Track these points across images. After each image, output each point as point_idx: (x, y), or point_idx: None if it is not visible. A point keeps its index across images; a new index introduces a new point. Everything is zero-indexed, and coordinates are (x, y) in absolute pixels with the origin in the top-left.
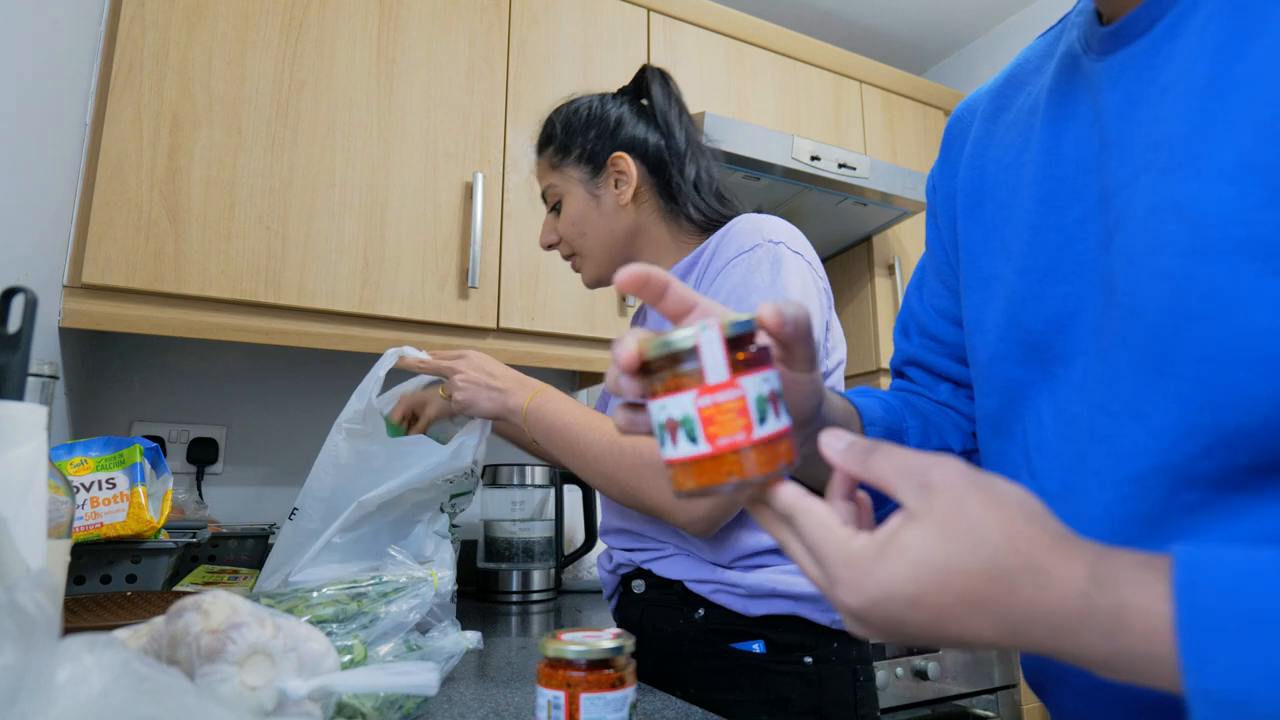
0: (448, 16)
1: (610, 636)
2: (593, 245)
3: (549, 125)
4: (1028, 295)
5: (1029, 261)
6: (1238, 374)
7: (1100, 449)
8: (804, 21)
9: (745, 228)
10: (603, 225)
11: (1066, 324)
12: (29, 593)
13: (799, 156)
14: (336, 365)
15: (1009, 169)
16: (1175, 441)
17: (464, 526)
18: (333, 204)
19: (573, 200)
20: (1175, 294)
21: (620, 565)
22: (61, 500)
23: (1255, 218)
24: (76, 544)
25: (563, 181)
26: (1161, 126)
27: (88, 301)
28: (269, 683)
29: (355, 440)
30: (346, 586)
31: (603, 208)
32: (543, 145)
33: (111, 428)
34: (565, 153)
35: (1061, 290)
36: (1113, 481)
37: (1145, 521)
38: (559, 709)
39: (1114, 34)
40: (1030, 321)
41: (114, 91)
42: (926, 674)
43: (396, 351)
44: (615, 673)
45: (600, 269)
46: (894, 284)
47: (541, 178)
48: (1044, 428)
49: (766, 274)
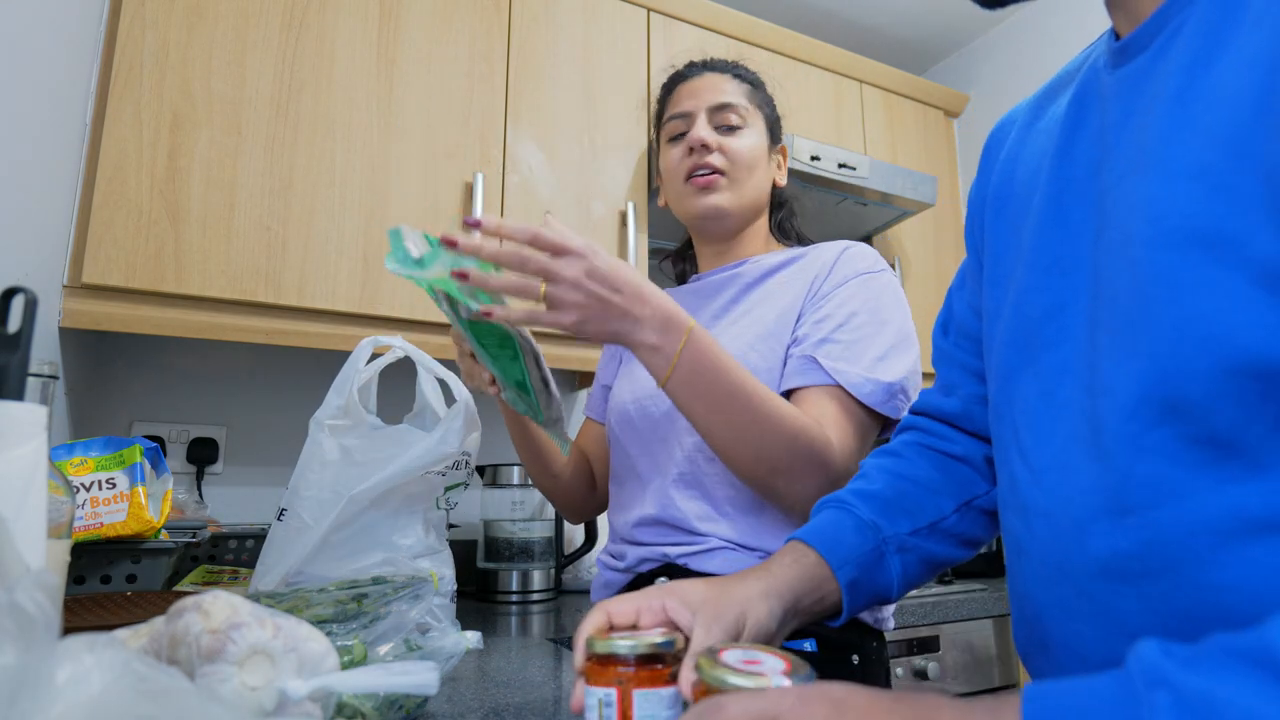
0: (448, 16)
1: (659, 632)
2: (747, 184)
3: (750, 71)
4: (1030, 287)
5: (1035, 257)
6: (1183, 349)
7: (1084, 425)
8: (804, 21)
9: (863, 250)
10: (762, 180)
11: (1059, 313)
12: (29, 593)
13: (799, 156)
14: (336, 365)
15: (1033, 173)
16: (1135, 413)
17: (464, 526)
18: (333, 204)
19: (756, 136)
20: (1138, 280)
21: (643, 560)
22: (61, 500)
23: (1203, 211)
24: (76, 544)
25: (752, 117)
26: (1145, 133)
27: (88, 301)
28: (269, 683)
29: (338, 435)
30: (347, 587)
31: (768, 168)
32: (740, 75)
33: (111, 428)
34: (761, 102)
35: (1059, 283)
36: (1095, 454)
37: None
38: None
39: (1122, 49)
40: (1030, 312)
41: (114, 91)
42: (927, 674)
43: (371, 341)
44: (666, 668)
45: (738, 205)
46: None
47: (727, 93)
48: (1031, 409)
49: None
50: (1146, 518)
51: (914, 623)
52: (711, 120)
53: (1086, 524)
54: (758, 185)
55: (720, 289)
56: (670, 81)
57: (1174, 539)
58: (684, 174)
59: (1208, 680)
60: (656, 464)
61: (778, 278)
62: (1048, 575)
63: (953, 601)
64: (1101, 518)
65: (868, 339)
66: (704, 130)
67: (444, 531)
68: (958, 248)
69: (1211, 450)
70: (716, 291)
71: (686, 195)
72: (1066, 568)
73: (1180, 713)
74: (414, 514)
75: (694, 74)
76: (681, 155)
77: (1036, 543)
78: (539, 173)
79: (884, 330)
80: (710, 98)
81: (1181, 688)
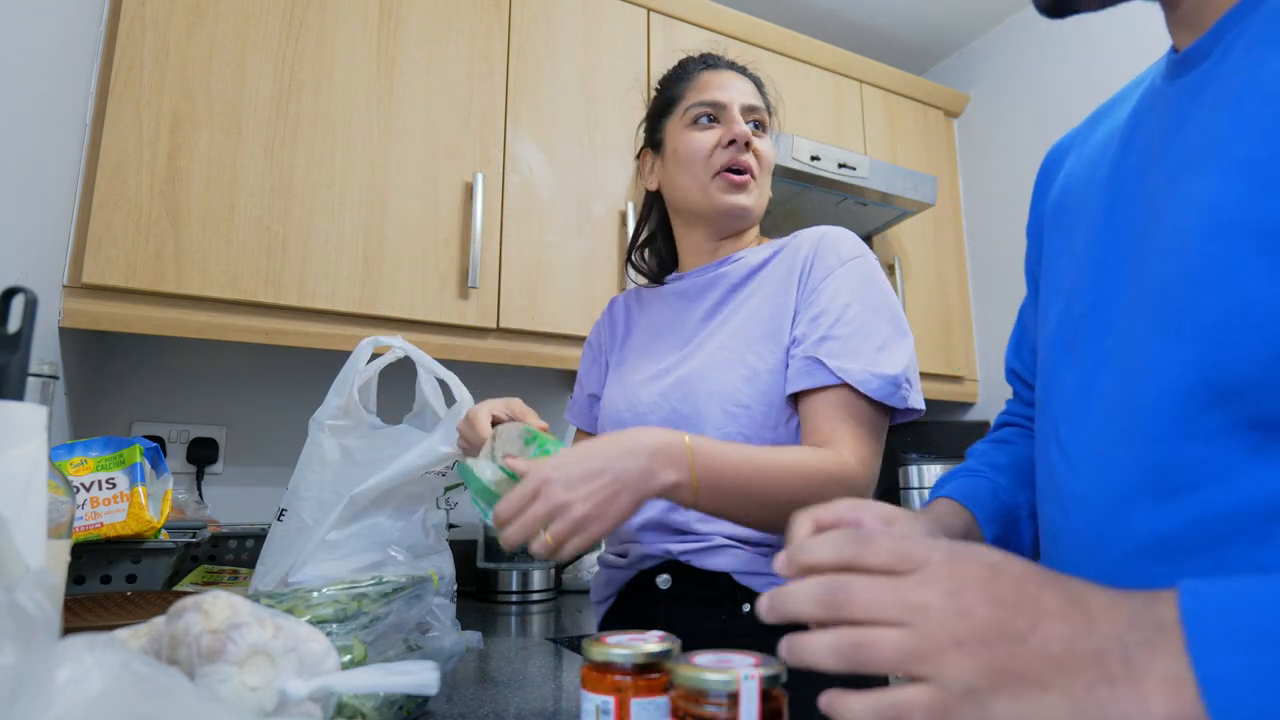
0: (448, 16)
1: (655, 639)
2: (768, 186)
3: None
4: (1079, 286)
5: (1087, 259)
6: (1235, 337)
7: (1125, 412)
8: (804, 21)
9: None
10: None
11: (1100, 309)
12: (29, 593)
13: (799, 156)
14: (336, 365)
15: (1086, 185)
16: (1184, 398)
17: (464, 526)
18: (332, 204)
19: (769, 145)
20: (1188, 271)
21: (646, 558)
22: (61, 500)
23: (1256, 204)
24: (76, 544)
25: (768, 124)
26: (1200, 135)
27: (88, 301)
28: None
29: (338, 435)
30: (347, 587)
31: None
32: (759, 84)
33: (111, 428)
34: (771, 112)
35: (1102, 280)
36: (1136, 438)
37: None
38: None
39: (1183, 60)
40: (1076, 309)
41: (114, 91)
42: None
43: (371, 341)
44: (663, 676)
45: (759, 206)
46: (894, 284)
47: (755, 97)
48: (1070, 401)
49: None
50: (1192, 498)
51: None
52: (745, 118)
53: (1125, 507)
54: (769, 190)
55: (706, 290)
56: (689, 66)
57: (1221, 518)
58: (719, 166)
59: None
60: None
61: (764, 274)
62: (1081, 560)
63: None
64: (1142, 499)
65: (865, 330)
66: (746, 127)
67: (444, 531)
68: (957, 248)
69: (1262, 433)
70: (703, 293)
71: (716, 188)
72: (1102, 551)
73: None
74: (414, 514)
75: (720, 66)
76: (714, 145)
77: (1072, 529)
78: (539, 173)
79: (878, 318)
80: (744, 96)
81: None
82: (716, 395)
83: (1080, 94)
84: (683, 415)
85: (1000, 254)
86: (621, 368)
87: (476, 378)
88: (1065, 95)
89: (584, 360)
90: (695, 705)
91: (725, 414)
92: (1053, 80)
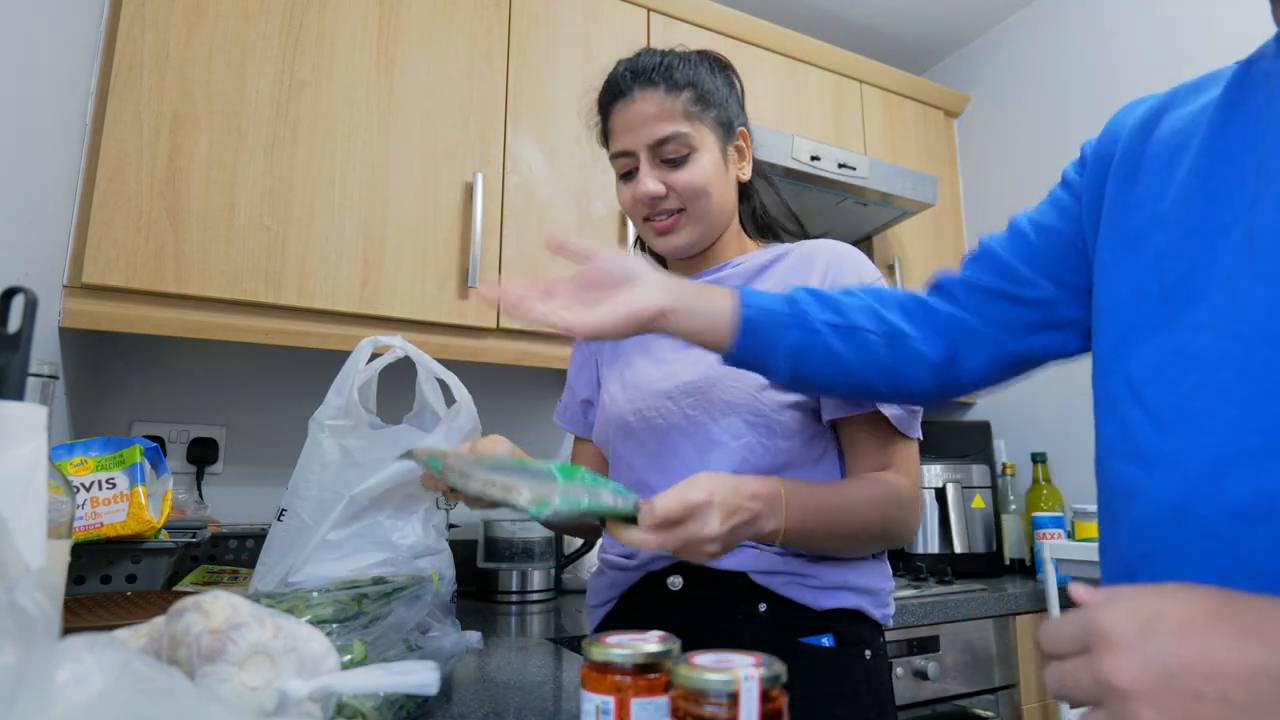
0: (448, 16)
1: (655, 639)
2: (710, 210)
3: (685, 66)
4: (1168, 251)
5: (1177, 225)
6: None
7: (1229, 372)
8: (804, 21)
9: (855, 253)
10: (725, 194)
11: (1197, 273)
12: (29, 593)
13: (799, 156)
14: (336, 365)
15: (1173, 150)
16: None
17: (464, 526)
18: (333, 204)
19: (708, 158)
20: None
21: (656, 559)
22: (61, 500)
23: None
24: (76, 544)
25: (698, 134)
26: None
27: (88, 301)
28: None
29: (338, 435)
30: (347, 587)
31: (728, 176)
32: (675, 85)
33: (111, 428)
34: (706, 105)
35: (1199, 244)
36: (1241, 398)
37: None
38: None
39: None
40: (1168, 273)
41: (114, 91)
42: (926, 674)
43: (371, 341)
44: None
45: (704, 236)
46: (894, 284)
47: (667, 122)
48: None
49: None
50: None
51: (914, 623)
52: (656, 156)
53: (1225, 467)
54: (721, 202)
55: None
56: (604, 99)
57: None
58: (640, 217)
59: None
60: (667, 477)
61: (765, 279)
62: (1164, 519)
63: (953, 601)
64: (1245, 460)
65: None
66: (650, 181)
67: (444, 531)
68: (957, 248)
69: None
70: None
71: (648, 234)
72: (1191, 511)
73: None
74: (414, 514)
75: (626, 94)
76: (632, 198)
77: (1157, 487)
78: (539, 173)
79: None
80: (647, 133)
81: None
82: (734, 405)
83: (1081, 93)
84: (698, 424)
85: None
86: (618, 365)
87: (476, 378)
88: (1066, 95)
89: (573, 364)
90: (695, 705)
91: (745, 424)
92: (1053, 80)
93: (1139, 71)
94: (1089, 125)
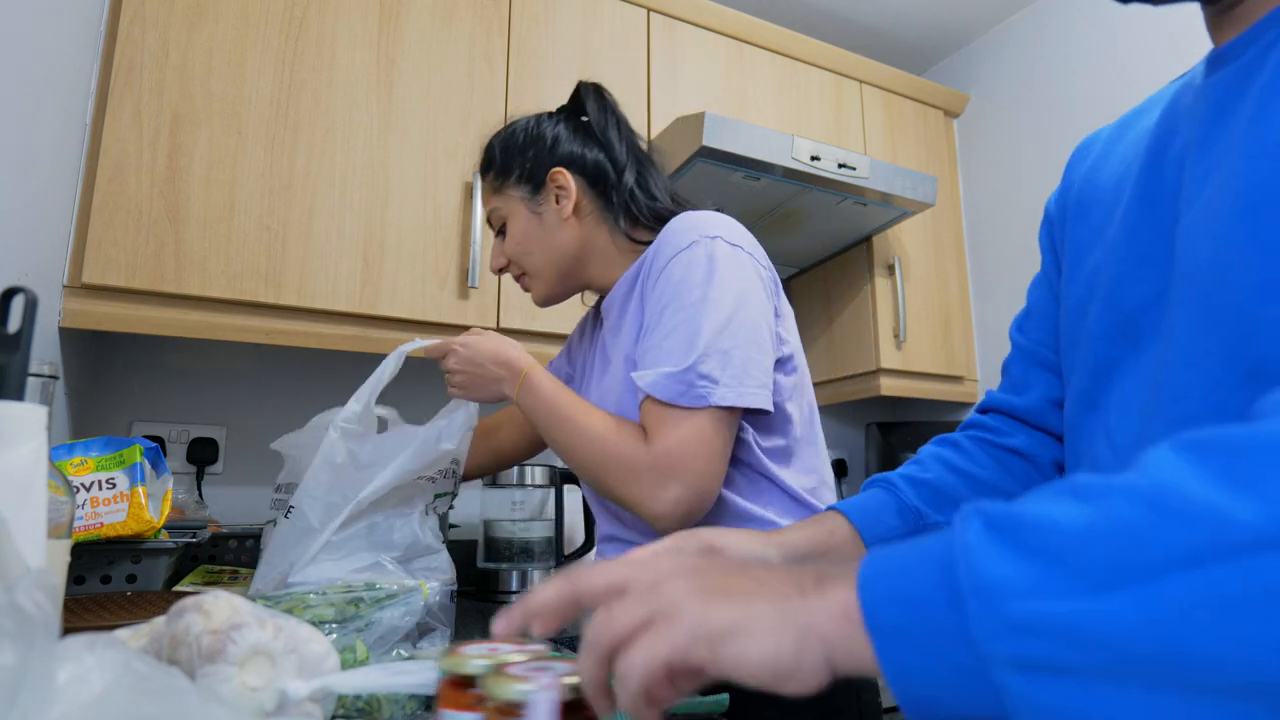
0: (448, 16)
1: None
2: (540, 263)
3: (489, 150)
4: (1122, 279)
5: (1125, 252)
6: (1267, 310)
7: (1165, 398)
8: (804, 21)
9: (681, 226)
10: (548, 242)
11: (1153, 304)
12: (29, 593)
13: (799, 156)
14: (336, 365)
15: (1119, 179)
16: (1219, 378)
17: (464, 526)
18: (333, 204)
19: (517, 220)
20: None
21: None
22: (61, 500)
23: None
24: (76, 544)
25: (505, 203)
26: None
27: (88, 301)
28: (270, 683)
29: (349, 440)
30: (342, 591)
31: (546, 225)
32: (484, 170)
33: (111, 428)
34: (505, 175)
35: (1150, 274)
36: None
37: None
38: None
39: (1219, 56)
40: (1122, 304)
41: (114, 91)
42: None
43: (404, 350)
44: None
45: (549, 287)
46: (894, 284)
47: (486, 202)
48: (1125, 398)
49: (703, 270)
50: None
51: None
52: (495, 231)
53: None
54: (547, 252)
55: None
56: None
57: None
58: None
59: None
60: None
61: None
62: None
63: None
64: None
65: (670, 331)
66: (494, 256)
67: (441, 532)
68: (957, 248)
69: None
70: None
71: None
72: None
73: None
74: (411, 514)
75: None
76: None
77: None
78: None
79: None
80: (488, 205)
81: (990, 510)
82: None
83: (1081, 94)
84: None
85: (1000, 254)
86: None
87: None
88: (1065, 95)
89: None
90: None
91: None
92: (1053, 80)
93: (1140, 71)
94: (1089, 125)
